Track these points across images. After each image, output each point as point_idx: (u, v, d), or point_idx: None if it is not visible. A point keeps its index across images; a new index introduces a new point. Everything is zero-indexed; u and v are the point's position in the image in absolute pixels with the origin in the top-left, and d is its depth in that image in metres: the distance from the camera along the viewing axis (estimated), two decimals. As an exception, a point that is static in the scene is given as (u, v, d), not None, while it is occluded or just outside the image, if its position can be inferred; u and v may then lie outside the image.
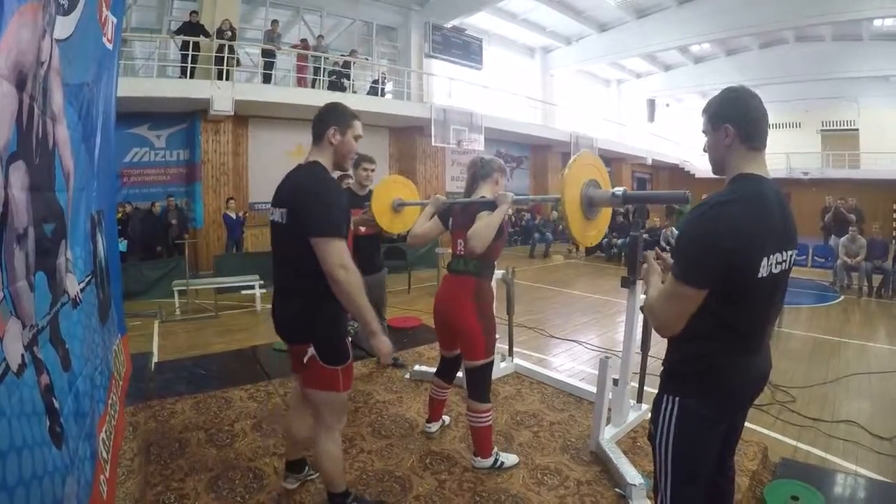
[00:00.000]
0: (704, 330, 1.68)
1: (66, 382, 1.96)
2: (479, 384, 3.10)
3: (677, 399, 1.77)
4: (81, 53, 2.50)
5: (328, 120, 2.45)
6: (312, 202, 2.25)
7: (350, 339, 2.55)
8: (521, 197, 3.48)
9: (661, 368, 1.89)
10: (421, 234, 3.32)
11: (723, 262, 1.57)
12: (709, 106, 1.80)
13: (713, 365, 1.73)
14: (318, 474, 3.00)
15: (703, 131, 1.84)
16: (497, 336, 3.26)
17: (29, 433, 1.45)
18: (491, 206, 3.01)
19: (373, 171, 4.62)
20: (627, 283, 3.34)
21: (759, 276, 1.62)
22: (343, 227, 2.28)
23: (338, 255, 2.21)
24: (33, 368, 1.55)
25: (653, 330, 3.68)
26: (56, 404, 1.75)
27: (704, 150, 1.85)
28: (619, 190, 2.94)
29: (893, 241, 11.02)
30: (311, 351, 2.35)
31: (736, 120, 1.70)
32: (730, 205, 1.61)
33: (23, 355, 1.47)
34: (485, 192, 3.22)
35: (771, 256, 1.64)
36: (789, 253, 1.73)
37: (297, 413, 2.80)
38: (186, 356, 5.54)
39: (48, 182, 1.91)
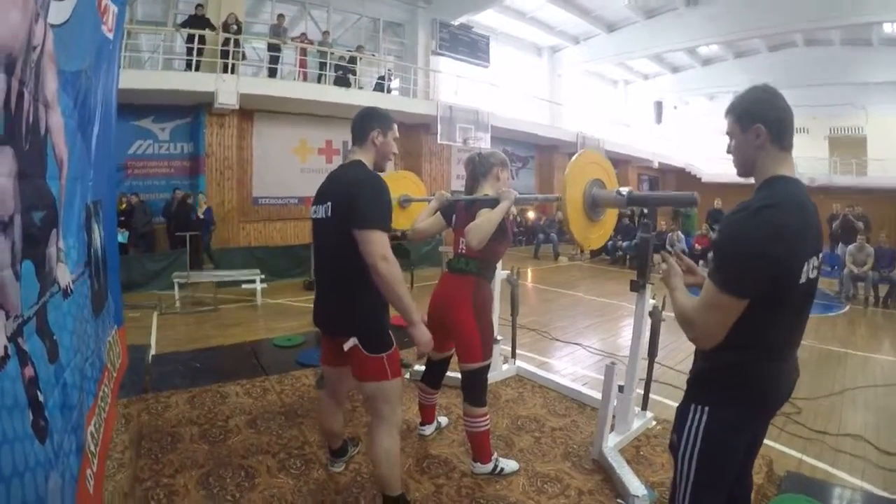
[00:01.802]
0: (739, 338, 1.59)
1: (53, 374, 1.89)
2: (476, 388, 3.02)
3: (707, 409, 1.70)
4: (78, 40, 2.44)
5: (372, 122, 2.55)
6: (359, 196, 2.29)
7: None
8: (523, 196, 3.40)
9: (689, 376, 1.82)
10: (422, 229, 3.25)
11: (769, 270, 1.50)
12: (735, 106, 1.72)
13: (746, 375, 1.66)
14: (358, 449, 3.20)
15: (729, 132, 1.75)
16: (500, 338, 3.20)
17: (10, 427, 1.39)
18: (494, 204, 2.93)
19: None
20: (637, 286, 3.23)
21: (801, 281, 1.57)
22: (387, 220, 2.35)
23: (380, 246, 2.25)
24: (17, 360, 1.49)
25: (659, 336, 3.66)
26: (41, 397, 1.69)
27: (729, 152, 1.77)
28: (624, 190, 2.86)
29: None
30: (354, 341, 2.38)
31: (767, 120, 1.63)
32: (774, 209, 1.53)
33: (6, 346, 1.41)
34: (487, 189, 3.15)
35: (810, 261, 1.59)
36: (821, 256, 1.69)
37: (327, 407, 2.90)
38: (184, 349, 5.49)
39: (39, 169, 1.85)
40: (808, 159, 21.68)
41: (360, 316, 2.41)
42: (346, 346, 2.38)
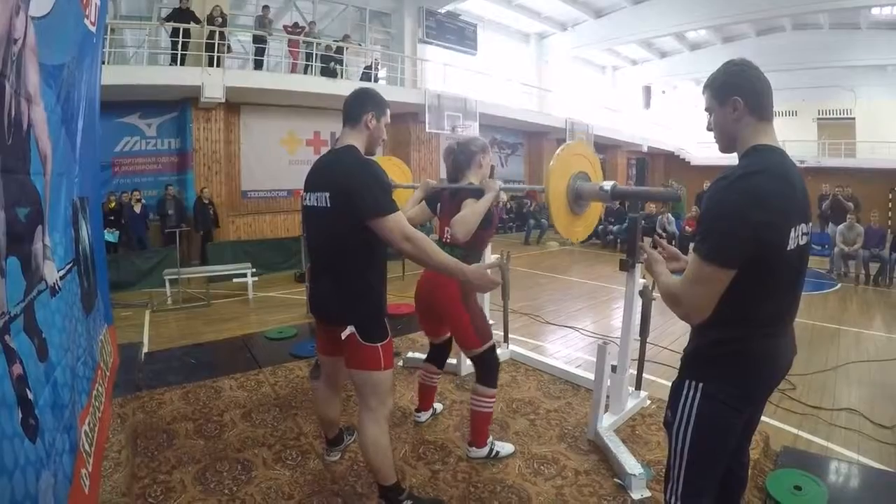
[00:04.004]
0: (732, 313, 1.59)
1: (43, 373, 1.88)
2: (487, 369, 3.02)
3: (700, 385, 1.69)
4: (60, 33, 2.40)
5: (366, 104, 2.45)
6: (364, 185, 2.22)
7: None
8: (508, 186, 3.38)
9: (683, 353, 1.82)
10: (408, 218, 3.21)
11: (753, 237, 1.48)
12: (712, 81, 1.73)
13: (740, 350, 1.65)
14: (353, 438, 3.17)
15: (707, 109, 1.77)
16: (493, 322, 3.18)
17: (-4, 425, 1.38)
18: (478, 193, 2.92)
19: None
20: (626, 266, 3.24)
21: (788, 248, 1.56)
22: (393, 200, 2.30)
23: (399, 229, 2.21)
24: (4, 358, 1.47)
25: (650, 316, 3.67)
26: (30, 395, 1.67)
27: (709, 129, 1.77)
28: (607, 184, 2.84)
29: (889, 230, 10.99)
30: (350, 329, 2.34)
31: (744, 92, 1.64)
32: (755, 176, 1.53)
33: (-8, 344, 1.40)
34: (471, 177, 3.13)
35: (797, 227, 1.58)
36: (809, 225, 1.68)
37: (324, 396, 2.89)
38: (177, 346, 5.47)
39: (22, 164, 1.83)
40: (797, 142, 21.74)
41: (357, 304, 2.38)
42: (344, 335, 2.34)
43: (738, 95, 1.64)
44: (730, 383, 1.67)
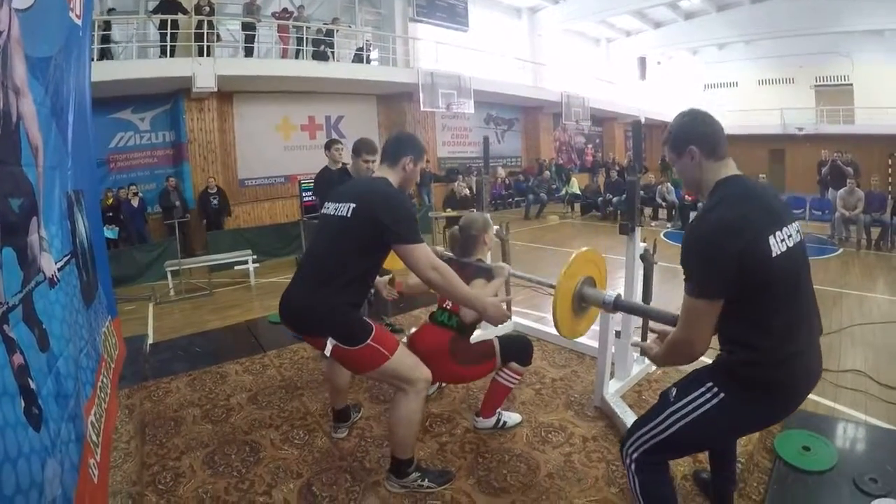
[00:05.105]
0: (753, 334, 1.68)
1: (45, 363, 1.88)
2: (517, 356, 3.04)
3: (722, 394, 1.74)
4: (45, 25, 2.38)
5: (407, 149, 2.60)
6: (399, 213, 2.33)
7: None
8: (519, 273, 3.44)
9: (717, 355, 1.84)
10: (415, 284, 3.11)
11: (731, 264, 1.58)
12: (667, 137, 1.88)
13: (770, 378, 1.70)
14: (360, 415, 3.30)
15: (669, 160, 1.90)
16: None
17: (-1, 414, 1.38)
18: (488, 273, 3.00)
19: (373, 162, 4.07)
20: (626, 229, 3.27)
21: (774, 255, 1.62)
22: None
23: (426, 259, 2.31)
24: (4, 347, 1.47)
25: (652, 280, 3.66)
26: (32, 385, 1.67)
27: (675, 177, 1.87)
28: (609, 296, 2.86)
29: (890, 195, 10.92)
30: (332, 342, 2.34)
31: (696, 140, 1.79)
32: (719, 206, 1.67)
33: (-9, 334, 1.40)
34: (479, 254, 3.22)
35: (777, 234, 1.65)
36: (793, 226, 1.73)
37: (334, 362, 2.89)
38: (181, 335, 5.49)
39: (13, 156, 1.82)
40: (795, 110, 21.56)
41: (331, 313, 2.36)
42: (327, 351, 2.35)
43: (692, 144, 1.79)
44: (748, 405, 1.74)
